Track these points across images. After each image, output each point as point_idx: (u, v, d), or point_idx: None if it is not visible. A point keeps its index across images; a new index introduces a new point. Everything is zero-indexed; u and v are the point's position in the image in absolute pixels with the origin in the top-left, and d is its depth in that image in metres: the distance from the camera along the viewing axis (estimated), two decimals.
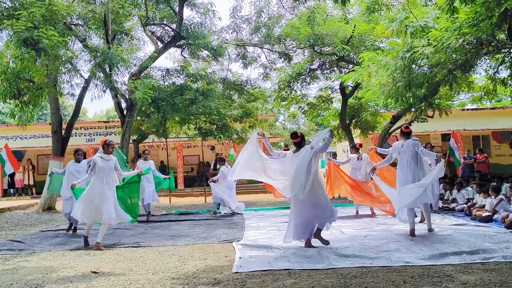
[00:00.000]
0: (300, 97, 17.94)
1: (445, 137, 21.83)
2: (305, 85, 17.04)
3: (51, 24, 11.29)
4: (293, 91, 17.11)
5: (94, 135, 22.48)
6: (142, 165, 11.32)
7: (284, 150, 10.53)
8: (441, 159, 7.55)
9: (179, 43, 16.27)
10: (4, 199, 20.59)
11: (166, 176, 12.24)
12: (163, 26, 16.85)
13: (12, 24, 10.67)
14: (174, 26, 16.01)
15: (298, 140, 7.14)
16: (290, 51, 17.01)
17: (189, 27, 15.72)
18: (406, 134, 7.95)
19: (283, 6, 17.06)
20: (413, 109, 13.28)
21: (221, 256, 6.57)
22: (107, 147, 7.77)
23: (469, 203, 10.31)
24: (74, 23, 14.49)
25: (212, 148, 22.32)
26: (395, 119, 15.82)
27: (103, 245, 7.61)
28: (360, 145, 11.82)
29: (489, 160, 16.62)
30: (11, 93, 13.54)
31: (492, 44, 8.52)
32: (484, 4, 7.32)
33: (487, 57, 10.68)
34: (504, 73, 11.83)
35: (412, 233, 7.54)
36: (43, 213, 13.95)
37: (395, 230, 8.28)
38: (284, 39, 16.42)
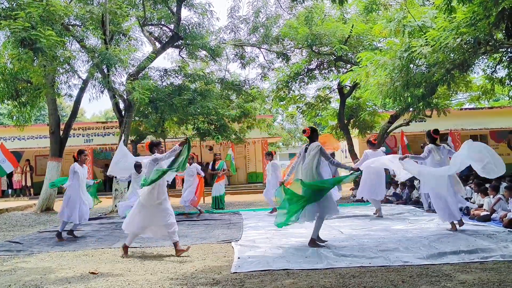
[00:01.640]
0: (298, 97, 17.94)
1: (443, 136, 21.85)
2: (303, 85, 17.04)
3: (48, 24, 11.28)
4: (291, 91, 17.11)
5: (92, 136, 22.45)
6: None
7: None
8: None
9: (177, 43, 16.25)
10: (2, 200, 20.55)
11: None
12: (161, 26, 16.82)
13: (10, 24, 10.65)
14: (172, 26, 15.99)
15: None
16: (288, 51, 17.01)
17: (187, 27, 15.70)
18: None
19: (281, 6, 17.05)
20: (411, 109, 13.29)
21: (219, 256, 6.56)
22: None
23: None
24: (72, 23, 14.47)
25: (210, 148, 22.32)
26: (393, 118, 15.84)
27: (101, 246, 7.63)
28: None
29: None
30: (9, 94, 13.54)
31: (490, 43, 8.52)
32: (482, 4, 7.33)
33: (484, 57, 10.68)
34: (501, 73, 11.85)
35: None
36: (41, 214, 13.94)
37: (394, 229, 8.29)
38: (282, 39, 16.42)
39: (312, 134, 7.11)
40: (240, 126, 18.29)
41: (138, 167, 10.64)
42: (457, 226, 7.83)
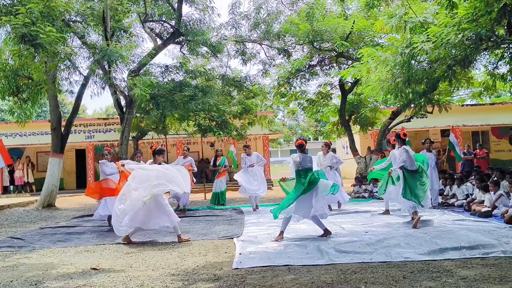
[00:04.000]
0: (299, 93, 17.94)
1: (445, 132, 21.85)
2: (305, 81, 17.02)
3: (49, 20, 11.26)
4: (292, 88, 17.10)
5: (93, 132, 22.46)
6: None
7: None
8: None
9: (178, 39, 16.24)
10: (3, 196, 20.58)
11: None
12: (162, 22, 16.81)
13: (10, 20, 10.64)
14: (173, 22, 15.98)
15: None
16: (289, 47, 17.00)
17: (188, 23, 15.68)
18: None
19: (282, 2, 17.04)
20: (412, 105, 13.28)
21: (221, 252, 6.57)
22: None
23: (468, 199, 10.32)
24: (73, 19, 14.46)
25: (212, 144, 22.31)
26: (394, 115, 15.83)
27: (103, 242, 7.67)
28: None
29: (489, 155, 16.61)
30: (10, 90, 13.54)
31: (492, 39, 8.50)
32: None
33: (486, 53, 10.65)
34: (503, 69, 11.82)
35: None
36: (43, 210, 13.96)
37: (395, 225, 8.30)
38: (283, 35, 16.40)
39: None
40: (241, 123, 18.28)
41: None
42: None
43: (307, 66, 16.30)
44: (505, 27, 8.25)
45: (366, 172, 15.77)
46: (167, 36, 16.29)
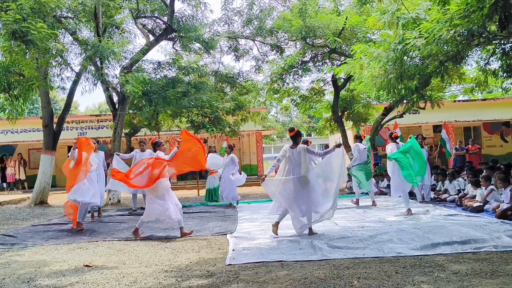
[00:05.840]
0: (292, 89, 17.91)
1: (437, 128, 21.95)
2: (297, 77, 17.00)
3: (40, 16, 11.17)
4: (285, 84, 17.07)
5: (86, 129, 22.36)
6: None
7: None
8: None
9: (170, 36, 16.16)
10: None
11: None
12: (154, 18, 16.72)
13: (1, 16, 10.55)
14: (165, 18, 15.90)
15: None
16: (282, 44, 16.96)
17: (180, 19, 15.60)
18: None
19: None
20: (405, 101, 13.32)
21: (214, 249, 6.58)
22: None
23: (460, 194, 10.38)
24: (64, 15, 14.35)
25: (205, 141, 22.29)
26: (387, 111, 15.84)
27: (96, 239, 7.64)
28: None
29: (481, 151, 16.72)
30: (1, 86, 13.43)
31: (483, 35, 8.53)
32: None
33: (478, 49, 10.70)
34: (495, 65, 11.89)
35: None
36: (35, 207, 13.89)
37: (388, 221, 8.34)
38: (276, 31, 16.36)
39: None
40: (234, 119, 18.26)
41: None
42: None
43: (300, 62, 16.27)
44: (497, 23, 8.28)
45: None
46: (160, 32, 16.21)
